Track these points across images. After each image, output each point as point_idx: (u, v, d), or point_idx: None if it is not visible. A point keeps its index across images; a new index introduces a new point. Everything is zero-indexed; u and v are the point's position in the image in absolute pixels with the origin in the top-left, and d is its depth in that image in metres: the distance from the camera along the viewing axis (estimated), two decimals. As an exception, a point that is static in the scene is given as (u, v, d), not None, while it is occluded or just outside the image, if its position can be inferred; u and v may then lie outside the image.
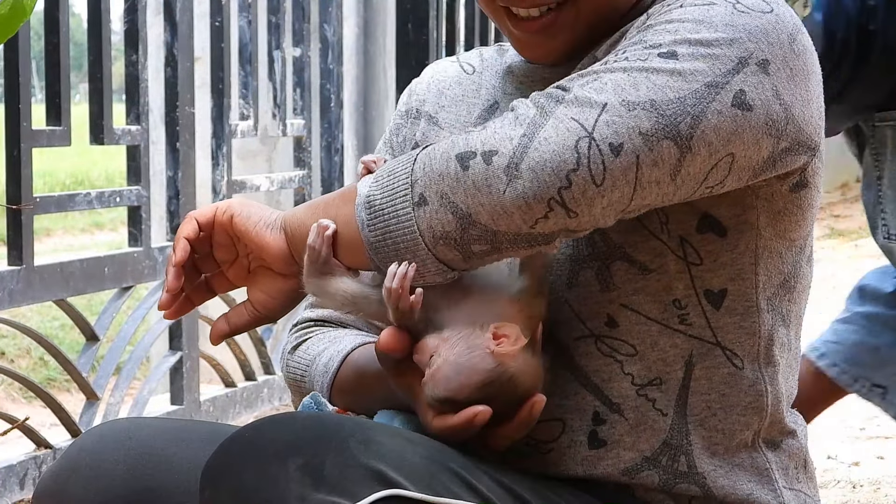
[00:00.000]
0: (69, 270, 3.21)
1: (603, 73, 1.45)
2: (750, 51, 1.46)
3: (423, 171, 1.45)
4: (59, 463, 1.66)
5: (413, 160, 1.46)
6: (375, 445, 1.37)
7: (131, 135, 3.44)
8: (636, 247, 1.54)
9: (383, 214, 1.45)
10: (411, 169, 1.46)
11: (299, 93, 4.23)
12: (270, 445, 1.38)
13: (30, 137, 3.04)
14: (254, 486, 1.36)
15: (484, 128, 1.45)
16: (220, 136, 3.83)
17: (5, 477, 3.00)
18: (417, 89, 1.81)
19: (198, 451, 1.63)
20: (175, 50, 3.60)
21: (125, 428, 1.67)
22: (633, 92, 1.42)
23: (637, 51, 1.46)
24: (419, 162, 1.46)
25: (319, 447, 1.36)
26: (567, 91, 1.45)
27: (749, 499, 1.56)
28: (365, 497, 1.33)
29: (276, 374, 4.11)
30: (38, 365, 6.27)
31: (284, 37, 4.12)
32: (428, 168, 1.44)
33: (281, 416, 1.43)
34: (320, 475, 1.34)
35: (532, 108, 1.44)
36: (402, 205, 1.44)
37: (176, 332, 3.66)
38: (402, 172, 1.46)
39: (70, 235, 11.19)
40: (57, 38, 3.13)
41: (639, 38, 1.48)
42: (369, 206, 1.46)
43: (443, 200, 1.42)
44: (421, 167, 1.45)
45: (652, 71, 1.44)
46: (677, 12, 1.49)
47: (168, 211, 3.66)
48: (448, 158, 1.44)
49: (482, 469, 1.43)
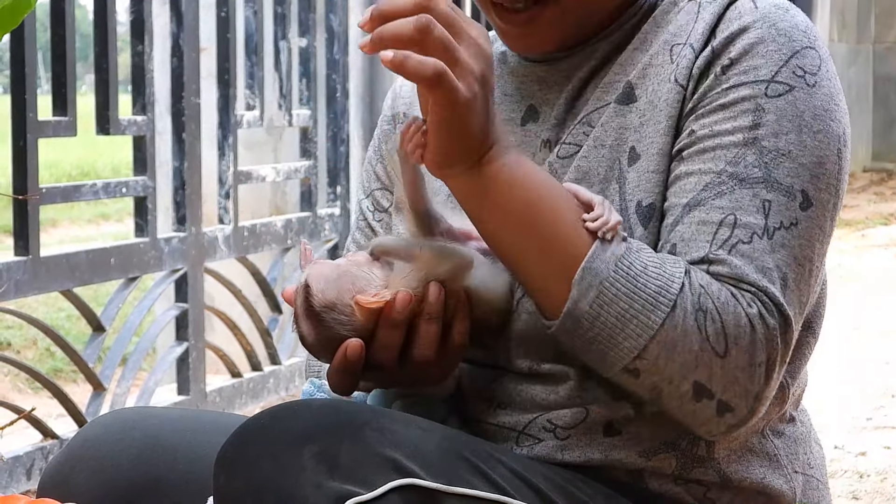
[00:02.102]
0: (75, 261, 3.21)
1: (767, 255, 1.47)
2: None
3: (653, 361, 1.45)
4: (64, 453, 1.66)
5: (644, 347, 1.44)
6: (391, 434, 1.37)
7: (137, 125, 3.43)
8: None
9: (596, 337, 1.45)
10: (641, 349, 1.44)
11: (305, 83, 4.22)
12: (286, 433, 1.37)
13: (36, 128, 3.04)
14: (268, 474, 1.35)
15: (723, 359, 1.44)
16: (225, 127, 3.83)
17: (12, 467, 3.00)
18: (402, 92, 1.78)
19: (203, 442, 1.63)
20: (181, 40, 3.60)
21: (130, 418, 1.67)
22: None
23: (782, 208, 1.48)
24: (651, 350, 1.44)
25: (335, 435, 1.36)
26: (771, 299, 1.45)
27: (762, 483, 1.56)
28: (380, 486, 1.32)
29: (282, 365, 4.11)
30: (45, 356, 6.28)
31: (290, 27, 4.12)
32: (662, 363, 1.44)
33: (296, 404, 1.43)
34: (335, 463, 1.34)
35: (756, 332, 1.45)
36: (620, 351, 1.45)
37: (182, 323, 3.66)
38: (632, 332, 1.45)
39: (76, 226, 11.19)
40: (63, 28, 3.13)
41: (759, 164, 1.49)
42: (583, 321, 1.45)
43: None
44: (653, 357, 1.44)
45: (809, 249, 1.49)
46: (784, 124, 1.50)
47: (174, 201, 3.66)
48: (683, 378, 1.45)
49: (497, 457, 1.43)
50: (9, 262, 3.00)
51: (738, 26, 1.53)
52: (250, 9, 3.94)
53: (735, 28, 1.54)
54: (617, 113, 1.56)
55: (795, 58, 1.52)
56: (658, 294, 1.43)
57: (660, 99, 1.54)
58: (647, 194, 1.52)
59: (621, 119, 1.56)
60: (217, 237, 3.77)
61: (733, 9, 1.56)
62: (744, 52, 1.52)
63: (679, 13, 1.60)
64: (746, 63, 1.52)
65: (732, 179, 1.49)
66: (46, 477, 1.66)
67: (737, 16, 1.55)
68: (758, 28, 1.53)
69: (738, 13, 1.55)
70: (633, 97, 1.56)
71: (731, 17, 1.55)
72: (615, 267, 1.44)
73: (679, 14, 1.60)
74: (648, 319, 1.43)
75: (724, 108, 1.51)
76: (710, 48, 1.54)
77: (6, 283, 2.96)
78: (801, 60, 1.52)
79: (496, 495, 1.38)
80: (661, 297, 1.43)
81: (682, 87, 1.54)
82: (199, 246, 3.68)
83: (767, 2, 1.55)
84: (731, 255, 1.46)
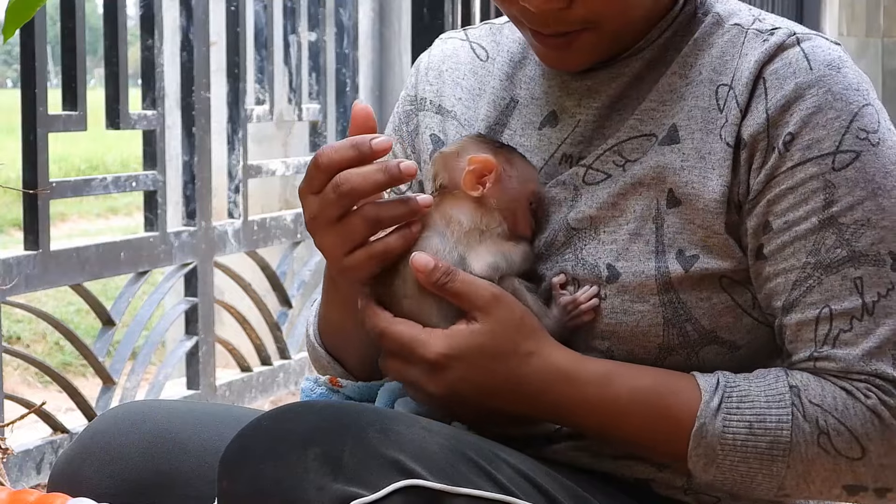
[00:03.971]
0: (85, 255, 3.21)
1: (871, 334, 1.46)
2: None
3: (794, 489, 1.48)
4: (74, 447, 1.66)
5: (778, 488, 1.47)
6: (394, 435, 1.36)
7: (147, 119, 3.44)
8: (728, 328, 1.52)
9: (731, 489, 1.49)
10: (777, 489, 1.47)
11: (315, 77, 4.22)
12: (289, 435, 1.37)
13: (46, 122, 3.04)
14: (272, 476, 1.35)
15: (862, 459, 1.45)
16: (235, 121, 3.83)
17: (22, 461, 3.00)
18: (430, 76, 1.74)
19: (213, 435, 1.63)
20: (191, 34, 3.60)
21: (140, 411, 1.67)
22: None
23: (875, 279, 1.47)
24: (787, 485, 1.47)
25: (338, 437, 1.35)
26: (885, 379, 1.46)
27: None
28: (384, 487, 1.32)
29: (291, 359, 4.11)
30: (54, 350, 6.28)
31: (300, 21, 4.11)
32: (804, 487, 1.47)
33: (299, 405, 1.43)
34: (339, 465, 1.33)
35: (884, 420, 1.45)
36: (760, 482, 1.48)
37: (192, 317, 3.66)
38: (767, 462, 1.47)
39: (85, 220, 11.19)
40: (73, 22, 3.14)
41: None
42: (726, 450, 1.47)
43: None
44: (793, 487, 1.47)
45: None
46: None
47: (184, 196, 3.66)
48: (831, 487, 1.47)
49: (501, 458, 1.42)
50: (19, 256, 3.00)
51: (793, 87, 1.49)
52: (260, 3, 3.94)
53: (789, 89, 1.49)
54: (657, 151, 1.53)
55: (856, 120, 1.49)
56: (771, 448, 1.45)
57: (708, 152, 1.51)
58: (690, 245, 1.51)
59: (660, 157, 1.53)
60: (227, 231, 3.77)
61: (783, 59, 1.51)
62: (803, 123, 1.48)
63: (723, 37, 1.55)
64: (808, 136, 1.48)
65: (818, 270, 1.48)
66: (57, 470, 1.66)
67: (790, 72, 1.50)
68: (813, 95, 1.49)
69: (791, 69, 1.51)
70: (676, 138, 1.53)
71: (782, 70, 1.51)
72: (721, 446, 1.46)
73: (723, 39, 1.55)
74: (770, 472, 1.46)
75: (793, 191, 1.49)
76: (762, 110, 1.50)
77: (17, 277, 2.97)
78: (862, 122, 1.49)
79: (501, 496, 1.38)
80: (775, 449, 1.45)
81: (731, 147, 1.50)
82: (209, 240, 3.68)
83: (820, 59, 1.51)
84: (836, 348, 1.47)
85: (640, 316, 1.51)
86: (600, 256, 1.53)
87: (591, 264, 1.53)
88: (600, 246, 1.53)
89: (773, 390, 1.46)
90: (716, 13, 1.58)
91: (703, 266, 1.50)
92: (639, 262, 1.51)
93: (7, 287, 2.93)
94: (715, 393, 1.47)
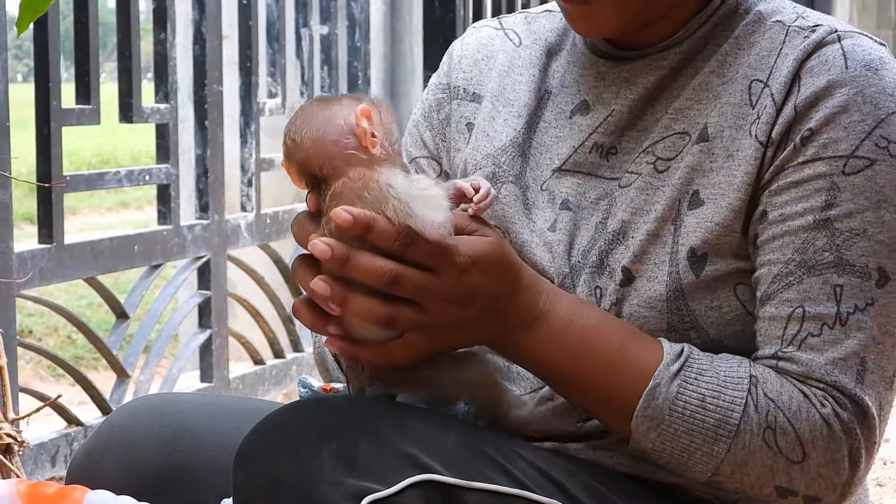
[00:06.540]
0: (99, 249, 3.21)
1: (839, 344, 1.45)
2: None
3: (728, 476, 1.46)
4: (92, 440, 1.67)
5: (713, 470, 1.45)
6: (409, 430, 1.36)
7: (160, 113, 3.44)
8: (737, 337, 1.51)
9: (667, 463, 1.47)
10: (712, 472, 1.46)
11: (327, 70, 4.22)
12: (304, 430, 1.37)
13: (59, 116, 3.04)
14: (287, 471, 1.35)
15: (801, 463, 1.44)
16: (248, 114, 3.83)
17: (37, 454, 3.01)
18: (463, 64, 1.71)
19: (231, 429, 1.63)
20: (203, 28, 3.60)
21: (158, 404, 1.67)
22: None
23: (856, 291, 1.45)
24: (723, 470, 1.45)
25: (353, 432, 1.35)
26: (843, 393, 1.44)
27: None
28: (399, 482, 1.32)
29: (305, 352, 4.12)
30: (66, 343, 6.29)
31: (312, 14, 4.11)
32: (738, 477, 1.45)
33: (314, 401, 1.43)
34: (354, 460, 1.33)
35: (833, 430, 1.44)
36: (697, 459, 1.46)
37: (205, 310, 3.66)
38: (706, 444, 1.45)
39: (97, 214, 11.21)
40: (85, 16, 3.14)
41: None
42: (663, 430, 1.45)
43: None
44: (727, 473, 1.45)
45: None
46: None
47: (197, 189, 3.66)
48: (763, 484, 1.45)
49: (517, 452, 1.42)
50: (33, 250, 3.01)
51: (825, 84, 1.46)
52: (272, -4, 3.94)
53: (821, 85, 1.47)
54: (689, 152, 1.51)
55: (880, 127, 1.45)
56: (718, 427, 1.43)
57: (738, 151, 1.49)
58: (702, 243, 1.49)
59: (691, 158, 1.51)
60: (240, 224, 3.77)
61: (820, 55, 1.48)
62: (826, 121, 1.46)
63: (764, 35, 1.53)
64: (827, 135, 1.45)
65: (801, 268, 1.45)
66: (75, 463, 1.66)
67: (824, 69, 1.47)
68: (843, 93, 1.46)
69: (826, 65, 1.48)
70: (706, 136, 1.51)
71: (817, 67, 1.48)
72: (669, 410, 1.43)
73: (764, 38, 1.53)
74: (711, 451, 1.44)
75: (796, 186, 1.46)
76: (792, 106, 1.47)
77: (31, 270, 2.97)
78: (886, 129, 1.45)
79: (516, 490, 1.37)
80: (721, 428, 1.43)
81: (762, 145, 1.48)
82: (222, 233, 3.68)
83: (859, 59, 1.47)
84: (801, 350, 1.45)
85: (644, 321, 1.50)
86: (619, 259, 1.52)
87: (610, 268, 1.52)
88: (626, 251, 1.52)
89: (733, 373, 1.44)
90: (758, 11, 1.55)
91: (713, 268, 1.48)
92: (654, 266, 1.50)
93: (22, 280, 2.93)
94: (677, 359, 1.45)
